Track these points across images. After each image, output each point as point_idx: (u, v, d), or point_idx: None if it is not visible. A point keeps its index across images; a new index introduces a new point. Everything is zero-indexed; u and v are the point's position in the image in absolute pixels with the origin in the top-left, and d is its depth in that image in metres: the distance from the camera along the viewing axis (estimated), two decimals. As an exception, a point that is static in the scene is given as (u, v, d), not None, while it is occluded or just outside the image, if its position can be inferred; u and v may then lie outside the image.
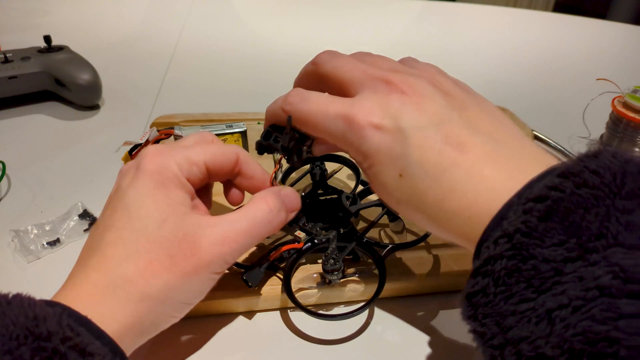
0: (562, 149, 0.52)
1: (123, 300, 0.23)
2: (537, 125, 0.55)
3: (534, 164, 0.23)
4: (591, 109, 0.55)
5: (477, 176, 0.23)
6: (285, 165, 0.31)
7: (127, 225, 0.24)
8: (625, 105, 0.48)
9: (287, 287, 0.30)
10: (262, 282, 0.31)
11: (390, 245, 0.33)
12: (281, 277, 0.32)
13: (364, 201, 0.35)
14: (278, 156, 0.31)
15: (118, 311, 0.22)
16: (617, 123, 0.49)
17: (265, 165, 0.31)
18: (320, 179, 0.38)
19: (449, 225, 0.24)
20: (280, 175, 0.30)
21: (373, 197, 0.35)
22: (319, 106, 0.27)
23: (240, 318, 0.31)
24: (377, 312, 0.32)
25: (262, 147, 0.31)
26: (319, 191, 0.38)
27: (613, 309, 0.17)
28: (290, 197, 0.30)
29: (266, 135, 0.30)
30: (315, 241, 0.32)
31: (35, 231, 0.37)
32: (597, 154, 0.20)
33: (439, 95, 0.26)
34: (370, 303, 0.30)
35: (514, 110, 0.57)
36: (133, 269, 0.23)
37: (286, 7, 1.04)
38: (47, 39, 0.58)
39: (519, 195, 0.21)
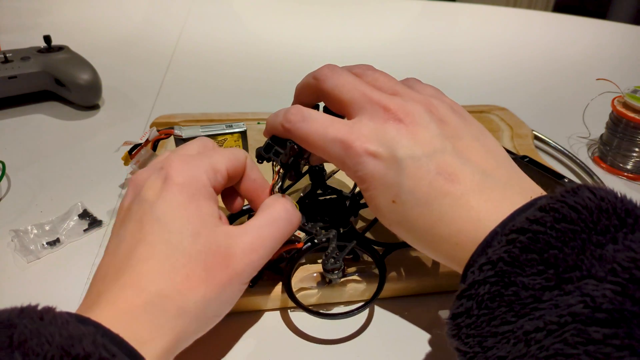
0: (562, 148, 0.52)
1: (160, 319, 0.22)
2: (537, 125, 0.55)
3: (519, 195, 0.24)
4: (591, 109, 0.55)
5: (465, 206, 0.24)
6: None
7: (160, 239, 0.24)
8: (625, 105, 0.48)
9: (287, 287, 0.30)
10: (263, 282, 0.31)
11: (390, 244, 0.33)
12: (282, 277, 0.32)
13: (363, 201, 0.35)
14: (277, 167, 0.31)
15: (156, 332, 0.22)
16: (617, 123, 0.49)
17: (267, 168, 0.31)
18: (319, 178, 0.38)
19: (438, 248, 0.25)
20: (279, 184, 0.31)
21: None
22: (318, 128, 0.27)
23: (241, 318, 0.31)
24: (377, 311, 0.32)
25: (262, 158, 0.31)
26: (318, 191, 0.38)
27: (583, 334, 0.18)
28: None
29: (267, 148, 0.31)
30: (315, 241, 0.32)
31: (35, 231, 0.37)
32: (577, 190, 0.22)
33: (434, 123, 0.27)
34: (371, 302, 0.30)
35: (513, 110, 0.57)
36: (170, 284, 0.23)
37: (286, 7, 1.04)
38: (47, 38, 0.58)
39: (503, 225, 0.23)
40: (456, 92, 0.71)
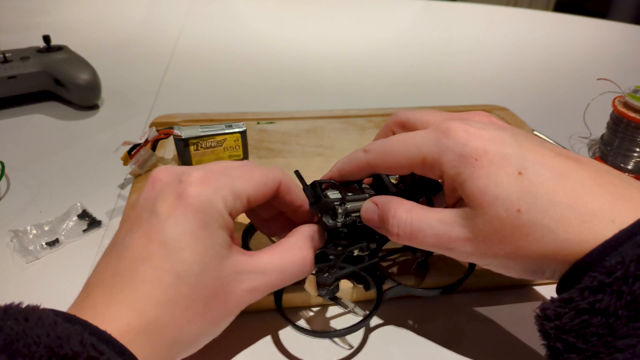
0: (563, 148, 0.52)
1: (154, 345, 0.22)
2: (537, 125, 0.55)
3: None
4: (592, 109, 0.55)
5: (609, 184, 0.22)
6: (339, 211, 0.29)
7: (166, 265, 0.23)
8: (626, 105, 0.48)
9: (277, 298, 0.30)
10: None
11: (398, 284, 0.31)
12: None
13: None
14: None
15: (147, 355, 0.22)
16: (617, 123, 0.49)
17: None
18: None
19: (572, 230, 0.21)
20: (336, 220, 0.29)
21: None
22: (405, 136, 0.27)
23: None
24: (382, 309, 0.32)
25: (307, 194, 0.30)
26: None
27: None
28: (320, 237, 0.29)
29: (312, 185, 0.30)
30: (327, 252, 0.30)
31: (34, 231, 0.37)
32: None
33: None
34: (363, 322, 0.29)
35: (514, 109, 0.57)
36: (170, 315, 0.22)
37: (286, 7, 1.04)
38: (47, 38, 0.58)
39: None
40: (457, 92, 0.71)
